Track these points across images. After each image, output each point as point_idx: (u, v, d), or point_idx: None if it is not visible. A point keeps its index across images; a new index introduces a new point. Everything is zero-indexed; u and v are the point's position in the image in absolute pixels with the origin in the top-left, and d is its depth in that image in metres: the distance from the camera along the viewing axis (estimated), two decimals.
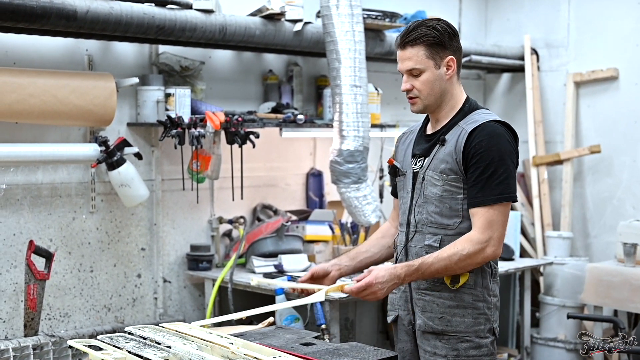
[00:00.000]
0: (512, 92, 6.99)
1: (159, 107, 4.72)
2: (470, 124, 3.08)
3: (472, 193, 3.03)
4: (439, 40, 3.07)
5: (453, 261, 2.99)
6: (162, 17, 4.40)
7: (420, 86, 3.10)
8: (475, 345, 3.12)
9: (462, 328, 3.11)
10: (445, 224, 3.09)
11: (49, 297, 4.55)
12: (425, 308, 3.15)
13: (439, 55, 3.08)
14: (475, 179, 3.02)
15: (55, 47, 4.51)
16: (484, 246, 2.99)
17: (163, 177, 4.99)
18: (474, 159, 3.02)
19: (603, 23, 6.41)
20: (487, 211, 3.01)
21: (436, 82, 3.10)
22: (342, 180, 4.98)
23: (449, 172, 3.07)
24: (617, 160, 6.33)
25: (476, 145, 3.02)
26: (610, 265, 5.56)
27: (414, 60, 3.07)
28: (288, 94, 5.45)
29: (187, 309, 5.16)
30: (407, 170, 3.23)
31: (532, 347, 5.94)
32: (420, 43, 3.06)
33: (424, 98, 3.12)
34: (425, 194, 3.13)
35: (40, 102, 4.16)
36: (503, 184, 3.01)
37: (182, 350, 2.90)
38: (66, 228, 4.62)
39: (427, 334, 3.15)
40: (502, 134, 3.07)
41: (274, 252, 5.02)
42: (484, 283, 3.12)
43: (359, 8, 4.95)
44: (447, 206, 3.09)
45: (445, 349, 3.12)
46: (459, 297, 3.11)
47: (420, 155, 3.19)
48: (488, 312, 3.14)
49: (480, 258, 3.01)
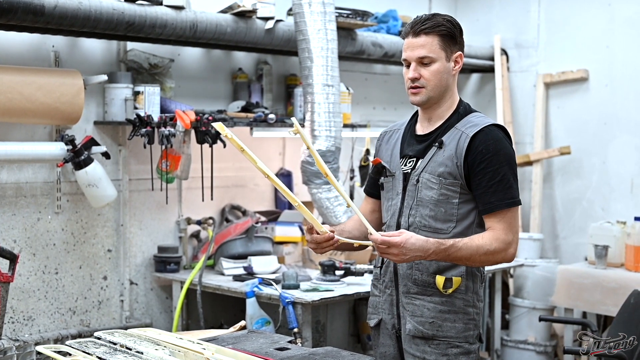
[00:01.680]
0: (481, 93, 6.97)
1: (127, 105, 4.61)
2: (470, 128, 3.04)
3: (484, 198, 3.00)
4: (453, 34, 3.06)
5: (480, 253, 2.95)
6: (132, 13, 4.29)
7: (429, 76, 3.04)
8: (465, 351, 3.10)
9: (453, 333, 3.08)
10: (439, 228, 3.05)
11: (13, 299, 4.41)
12: (416, 312, 3.11)
13: (450, 49, 3.05)
14: (485, 184, 2.99)
15: (21, 43, 4.39)
16: (507, 247, 2.98)
17: (130, 177, 4.89)
18: (482, 165, 2.98)
19: (573, 24, 6.41)
20: (504, 216, 2.99)
21: (444, 74, 3.06)
22: (313, 181, 4.90)
23: (447, 176, 3.03)
24: (587, 161, 6.33)
25: (483, 150, 2.98)
26: (581, 268, 5.55)
27: (428, 49, 3.02)
28: (258, 93, 5.37)
29: (154, 312, 5.06)
30: (396, 171, 3.17)
31: (502, 349, 5.92)
32: (435, 32, 3.03)
33: (430, 89, 3.05)
34: (420, 196, 3.08)
35: (5, 100, 4.03)
36: (512, 188, 3.01)
37: (155, 356, 2.83)
38: (31, 229, 4.50)
39: (417, 339, 3.11)
40: (503, 138, 3.06)
41: (243, 254, 4.93)
42: (474, 288, 3.11)
43: (331, 6, 4.89)
44: (442, 210, 3.05)
45: (435, 354, 3.08)
46: (450, 302, 3.08)
47: (413, 156, 3.14)
48: (477, 317, 3.13)
49: (501, 257, 3.00)
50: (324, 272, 4.61)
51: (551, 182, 6.50)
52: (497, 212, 2.99)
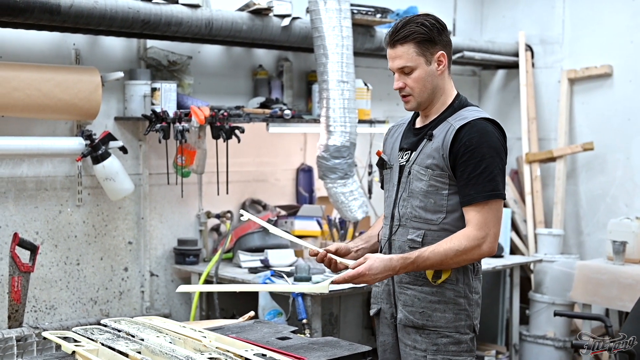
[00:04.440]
0: (506, 89, 6.98)
1: (145, 101, 4.73)
2: (458, 121, 3.07)
3: (464, 190, 3.02)
4: (429, 37, 3.05)
5: (449, 256, 2.98)
6: (147, 12, 4.41)
7: (412, 84, 3.08)
8: (455, 341, 3.12)
9: (443, 323, 3.11)
10: (429, 219, 3.08)
11: (35, 289, 4.57)
12: (407, 302, 3.15)
13: (429, 52, 3.06)
14: (467, 177, 3.01)
15: (42, 41, 4.54)
16: (480, 242, 2.99)
17: (150, 171, 5.01)
18: (465, 157, 3.00)
19: (598, 20, 6.40)
20: (481, 208, 3.00)
21: (428, 78, 3.08)
22: (328, 176, 4.98)
23: (434, 167, 3.07)
24: (611, 157, 6.31)
25: (466, 142, 3.01)
26: (599, 263, 5.54)
27: (405, 59, 3.06)
28: (278, 89, 5.46)
29: (175, 303, 5.18)
30: (393, 164, 3.23)
31: (521, 344, 5.93)
32: (410, 40, 3.04)
33: (417, 95, 3.10)
34: (411, 188, 3.12)
35: (24, 96, 4.18)
36: (494, 181, 3.01)
37: (154, 343, 2.92)
38: (52, 221, 4.64)
39: (408, 328, 3.15)
40: (492, 131, 3.06)
41: (260, 247, 5.03)
42: (465, 280, 3.12)
43: (347, 3, 4.96)
44: (432, 201, 3.09)
45: (425, 343, 3.12)
46: (440, 292, 3.11)
47: (408, 149, 3.19)
48: (469, 308, 3.14)
49: (477, 254, 3.02)
50: None
51: (575, 179, 6.49)
52: (475, 205, 3.00)
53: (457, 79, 3.20)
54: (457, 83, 3.24)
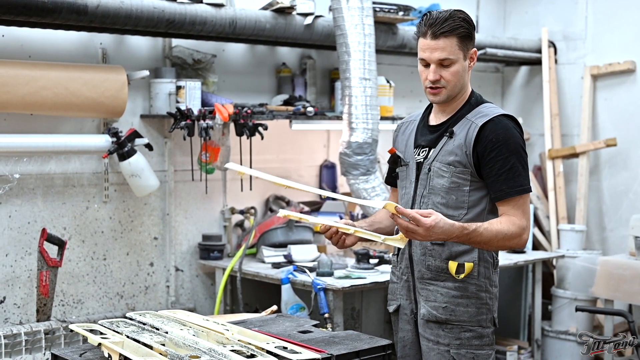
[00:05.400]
0: (529, 85, 6.99)
1: (170, 99, 4.81)
2: (480, 118, 3.12)
3: (495, 186, 3.08)
4: (469, 33, 3.11)
5: (498, 238, 3.02)
6: (172, 11, 4.49)
7: (449, 77, 3.12)
8: (478, 335, 3.17)
9: (466, 318, 3.16)
10: (450, 215, 3.10)
11: (63, 284, 4.67)
12: (429, 297, 3.20)
13: (467, 47, 3.12)
14: (496, 173, 3.06)
15: (70, 41, 4.63)
16: (522, 232, 3.05)
17: (176, 168, 5.09)
18: (492, 153, 3.06)
19: (621, 16, 6.40)
20: (516, 202, 3.07)
21: (462, 73, 3.14)
22: (351, 172, 5.04)
23: (457, 164, 3.12)
24: (634, 153, 6.31)
25: (493, 139, 3.06)
26: (621, 259, 5.55)
27: (448, 51, 3.08)
28: (301, 87, 5.52)
29: (199, 297, 5.26)
30: (409, 161, 3.27)
31: (543, 339, 5.95)
32: (454, 34, 3.07)
33: (450, 89, 3.14)
34: (432, 185, 3.17)
35: (52, 94, 4.27)
36: (522, 176, 3.08)
37: (178, 336, 2.99)
38: (80, 217, 4.73)
39: (431, 323, 3.20)
40: (513, 127, 3.12)
41: (284, 243, 5.10)
42: (486, 273, 3.18)
43: (369, 1, 5.02)
44: (454, 198, 3.13)
45: (448, 337, 3.17)
46: (463, 287, 3.16)
47: (425, 146, 3.23)
48: (490, 302, 3.19)
49: (515, 242, 3.07)
50: (359, 261, 4.75)
51: (598, 174, 6.50)
52: (510, 199, 3.07)
53: (480, 75, 3.25)
54: (480, 80, 3.28)
